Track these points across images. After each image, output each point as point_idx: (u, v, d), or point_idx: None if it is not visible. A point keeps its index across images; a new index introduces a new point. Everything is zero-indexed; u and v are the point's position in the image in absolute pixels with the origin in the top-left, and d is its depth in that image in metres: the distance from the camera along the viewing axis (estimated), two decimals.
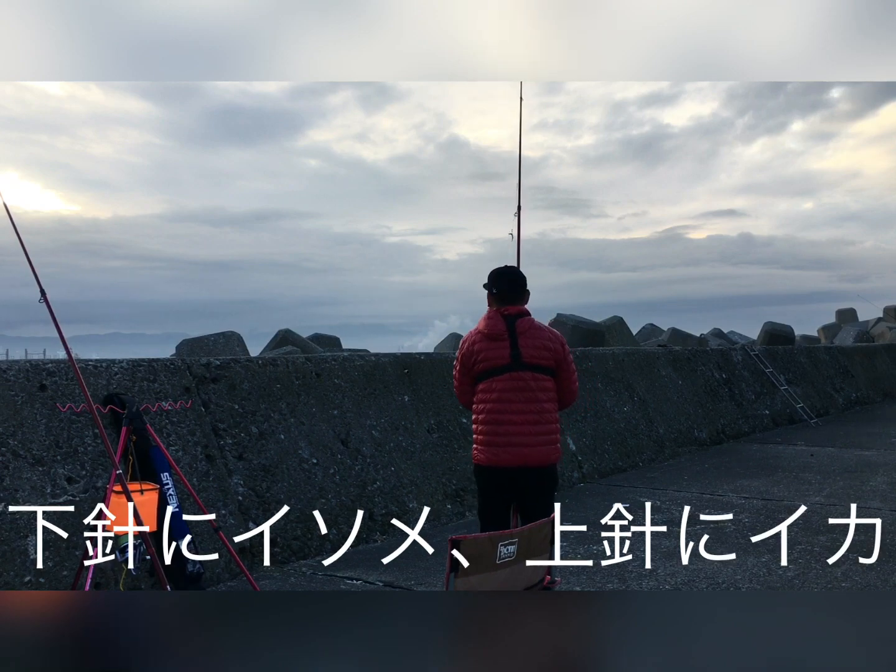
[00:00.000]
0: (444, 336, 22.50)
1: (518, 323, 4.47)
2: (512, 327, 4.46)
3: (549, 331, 4.59)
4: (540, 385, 4.45)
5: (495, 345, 4.46)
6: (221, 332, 14.98)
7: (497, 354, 4.45)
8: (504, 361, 4.43)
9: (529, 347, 4.44)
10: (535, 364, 4.44)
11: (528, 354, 4.43)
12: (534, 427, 4.40)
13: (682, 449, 11.09)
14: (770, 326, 22.53)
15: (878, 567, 5.58)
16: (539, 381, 4.45)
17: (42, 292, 4.41)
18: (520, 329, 4.46)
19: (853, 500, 7.73)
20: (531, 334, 4.47)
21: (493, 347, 4.46)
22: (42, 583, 4.74)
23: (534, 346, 4.45)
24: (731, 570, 5.62)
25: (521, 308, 4.54)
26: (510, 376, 4.42)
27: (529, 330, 4.48)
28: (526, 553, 3.21)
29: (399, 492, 7.13)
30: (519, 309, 4.53)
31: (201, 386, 6.18)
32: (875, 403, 17.30)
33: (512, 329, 4.46)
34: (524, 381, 4.41)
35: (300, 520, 6.26)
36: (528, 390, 4.42)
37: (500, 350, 4.45)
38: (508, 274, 4.63)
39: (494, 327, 4.48)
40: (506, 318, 4.49)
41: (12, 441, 4.93)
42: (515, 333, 4.45)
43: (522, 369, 4.42)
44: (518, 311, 4.51)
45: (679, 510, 7.50)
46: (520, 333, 4.45)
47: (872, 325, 27.96)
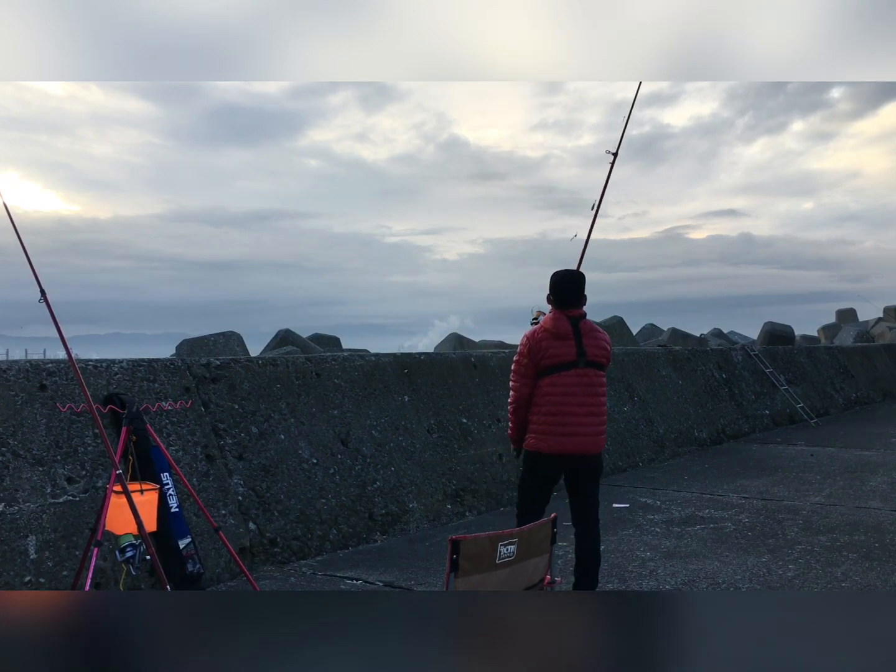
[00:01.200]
0: (445, 336, 22.49)
1: (582, 324, 4.91)
2: (577, 328, 4.89)
3: (604, 333, 5.07)
4: (599, 381, 4.92)
5: (561, 343, 4.85)
6: (221, 332, 14.98)
7: (564, 352, 4.84)
8: (571, 358, 4.84)
9: (592, 347, 4.89)
10: (597, 362, 4.90)
11: (591, 353, 4.87)
12: (592, 419, 4.85)
13: (682, 449, 11.10)
14: (770, 326, 22.54)
15: (878, 567, 5.58)
16: (598, 377, 4.92)
17: (42, 292, 4.41)
18: (584, 330, 4.90)
19: (853, 500, 7.74)
20: (593, 335, 4.93)
21: (560, 346, 4.84)
22: (42, 583, 4.75)
23: (595, 346, 4.90)
24: (731, 570, 5.62)
25: (581, 311, 4.98)
26: (576, 372, 4.83)
27: (591, 331, 4.93)
28: (526, 553, 3.21)
29: (399, 492, 7.13)
30: (580, 311, 4.97)
31: (201, 386, 6.18)
32: (875, 403, 17.30)
33: (577, 329, 4.89)
34: (588, 377, 4.85)
35: (300, 520, 6.26)
36: (591, 385, 4.87)
37: (566, 348, 4.84)
38: (571, 279, 5.02)
39: (561, 327, 4.87)
40: (570, 319, 4.90)
41: (12, 441, 4.93)
42: (580, 333, 4.88)
43: (586, 366, 4.85)
44: (580, 314, 4.95)
45: (679, 510, 7.51)
46: (584, 334, 4.89)
47: (872, 325, 27.97)
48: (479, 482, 7.89)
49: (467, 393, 8.43)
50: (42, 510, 4.88)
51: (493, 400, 8.63)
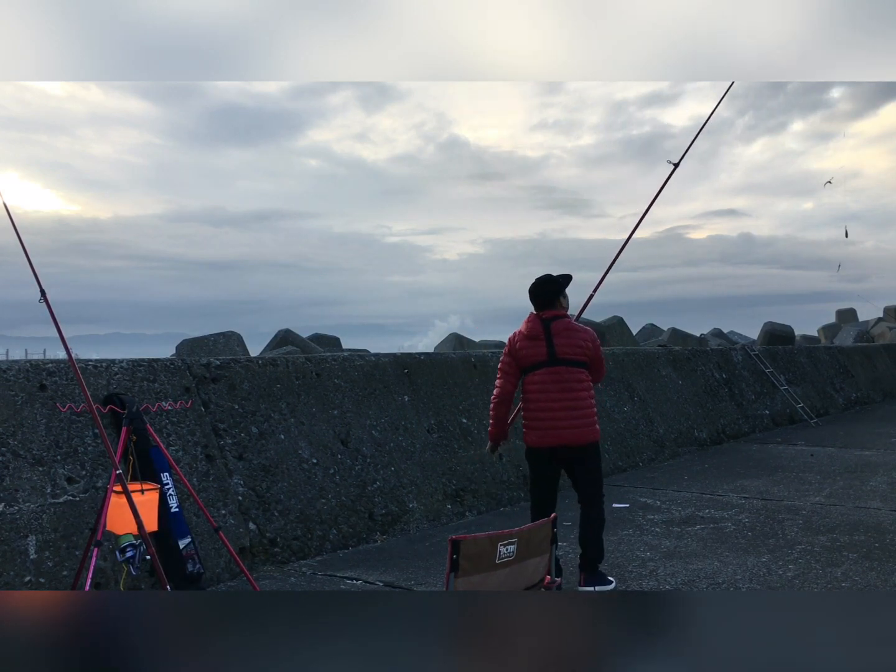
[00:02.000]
0: (445, 336, 22.49)
1: (554, 324, 5.16)
2: (548, 329, 5.15)
3: (584, 330, 5.25)
4: (574, 377, 5.12)
5: (533, 343, 5.17)
6: (221, 332, 15.00)
7: (536, 352, 5.15)
8: (542, 358, 5.13)
9: (564, 346, 5.12)
10: (569, 359, 5.12)
11: (562, 351, 5.12)
12: (569, 412, 5.09)
13: (682, 449, 11.10)
14: (770, 326, 22.55)
15: (878, 567, 5.58)
16: (573, 373, 5.12)
17: (42, 292, 4.41)
18: (555, 330, 5.14)
19: (853, 500, 7.74)
20: (566, 334, 5.15)
21: (532, 346, 5.16)
22: (42, 583, 4.75)
23: (568, 345, 5.12)
24: (731, 570, 5.62)
25: (556, 311, 5.21)
26: (547, 370, 5.12)
27: (564, 331, 5.16)
28: (526, 553, 3.21)
29: (399, 492, 7.13)
30: (554, 312, 5.20)
31: (201, 386, 6.18)
32: (875, 403, 17.30)
33: (548, 330, 5.15)
34: (560, 374, 5.10)
35: (300, 520, 6.26)
36: (564, 381, 5.11)
37: (538, 348, 5.15)
38: (541, 284, 5.27)
39: (532, 329, 5.20)
40: (542, 321, 5.18)
41: (12, 441, 4.93)
42: (551, 334, 5.13)
43: (557, 364, 5.10)
44: (553, 315, 5.19)
45: (679, 510, 7.51)
46: (555, 334, 5.13)
47: (872, 325, 27.98)
48: (479, 482, 7.89)
49: (467, 393, 8.43)
50: (42, 510, 4.89)
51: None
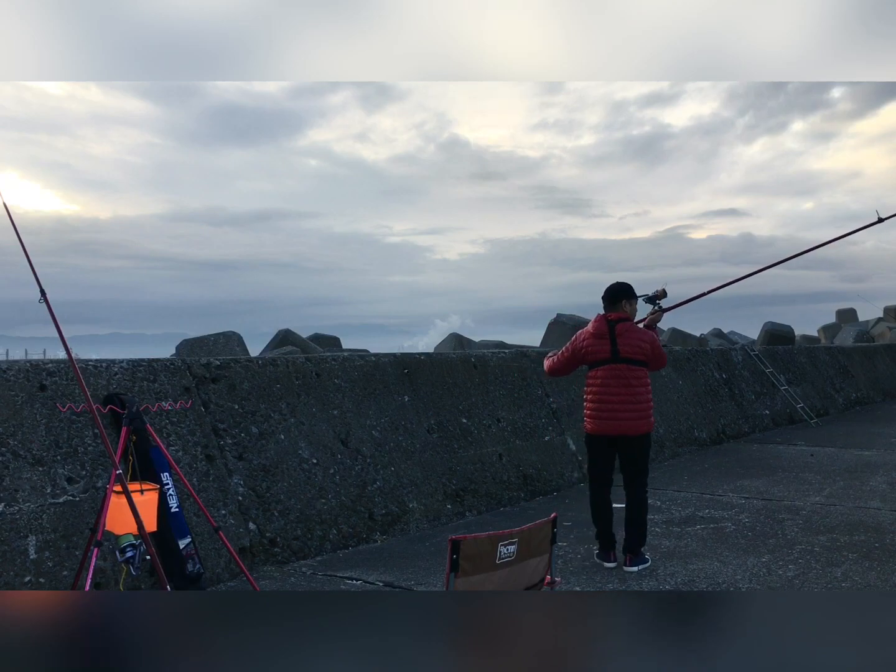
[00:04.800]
0: (445, 336, 22.48)
1: (618, 326, 5.84)
2: (612, 329, 5.83)
3: (644, 333, 5.93)
4: (633, 374, 5.79)
5: (599, 342, 5.85)
6: (221, 332, 15.02)
7: (601, 349, 5.84)
8: (606, 355, 5.82)
9: (626, 345, 5.78)
10: (630, 358, 5.78)
11: (624, 351, 5.78)
12: (627, 405, 5.76)
13: (682, 449, 11.10)
14: (770, 326, 22.56)
15: (878, 567, 5.58)
16: (633, 370, 5.79)
17: (42, 292, 4.41)
18: (619, 331, 5.82)
19: (853, 500, 7.74)
20: (628, 336, 5.81)
21: (598, 344, 5.86)
22: (42, 583, 4.75)
23: (629, 345, 5.79)
24: (731, 570, 5.62)
25: (620, 314, 5.89)
26: (610, 367, 5.80)
27: (626, 332, 5.82)
28: (526, 553, 3.21)
29: (399, 492, 7.13)
30: (619, 315, 5.89)
31: (201, 386, 6.18)
32: (875, 403, 17.30)
33: (612, 331, 5.83)
34: (620, 370, 5.78)
35: (300, 520, 6.26)
36: (623, 377, 5.77)
37: (602, 346, 5.84)
38: (609, 291, 5.99)
39: (599, 329, 5.89)
40: (608, 322, 5.87)
41: (12, 441, 4.93)
42: (615, 334, 5.81)
43: (619, 362, 5.77)
44: (618, 317, 5.88)
45: (679, 510, 7.51)
46: (619, 334, 5.81)
47: (872, 325, 27.99)
48: (479, 482, 7.89)
49: (467, 393, 8.43)
50: (42, 510, 4.88)
51: (493, 400, 8.64)
